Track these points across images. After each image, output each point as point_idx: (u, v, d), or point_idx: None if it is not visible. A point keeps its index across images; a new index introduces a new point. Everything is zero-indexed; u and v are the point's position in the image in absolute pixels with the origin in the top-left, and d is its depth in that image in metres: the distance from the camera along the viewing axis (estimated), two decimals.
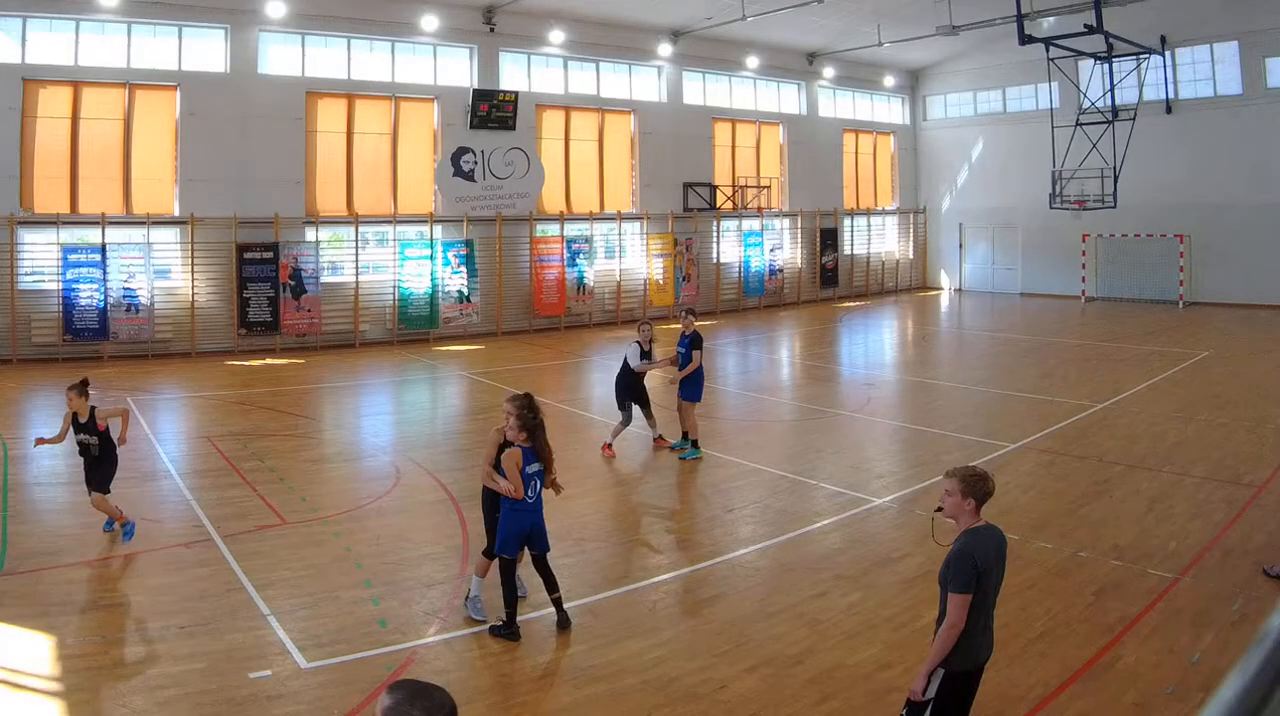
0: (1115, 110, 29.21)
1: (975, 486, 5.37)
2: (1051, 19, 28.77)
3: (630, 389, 14.25)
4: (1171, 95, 32.85)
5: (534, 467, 8.03)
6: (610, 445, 14.26)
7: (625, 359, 14.20)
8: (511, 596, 8.05)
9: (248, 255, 24.66)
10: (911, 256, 41.21)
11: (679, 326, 14.60)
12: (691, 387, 13.93)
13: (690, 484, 12.95)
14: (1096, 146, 29.31)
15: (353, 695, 6.99)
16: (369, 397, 20.24)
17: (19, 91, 22.46)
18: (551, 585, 8.17)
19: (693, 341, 13.92)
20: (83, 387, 10.15)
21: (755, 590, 9.13)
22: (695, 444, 14.03)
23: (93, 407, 10.18)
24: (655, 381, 15.74)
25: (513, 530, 7.98)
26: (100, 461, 10.21)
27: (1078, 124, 29.61)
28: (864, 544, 10.35)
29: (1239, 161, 31.51)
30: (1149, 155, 31.14)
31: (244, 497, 11.94)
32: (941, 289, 40.68)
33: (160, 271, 24.02)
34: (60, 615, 8.24)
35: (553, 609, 8.25)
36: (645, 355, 14.16)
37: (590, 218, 30.80)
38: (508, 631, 7.92)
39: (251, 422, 16.55)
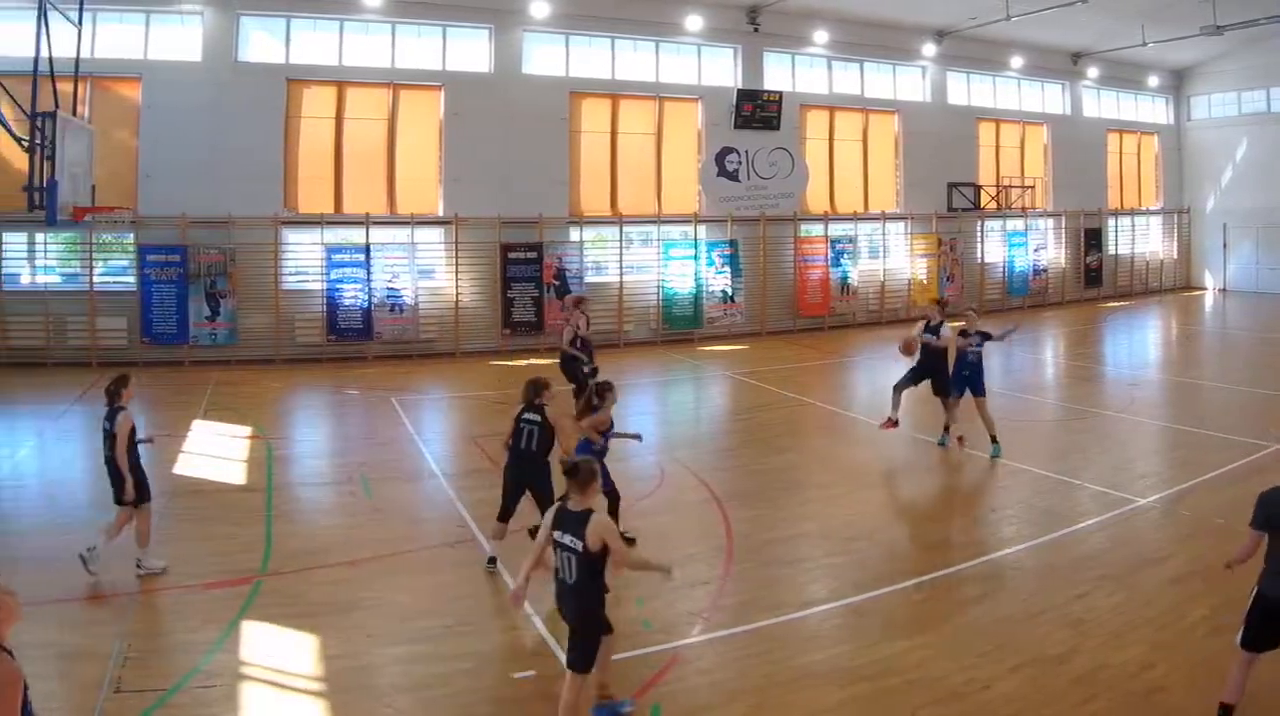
0: None
1: None
2: None
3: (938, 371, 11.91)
4: None
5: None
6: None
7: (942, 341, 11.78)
8: None
9: (512, 255, 20.39)
10: (1175, 256, 33.62)
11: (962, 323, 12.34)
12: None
13: (954, 484, 11.16)
14: None
15: (618, 695, 5.75)
16: (633, 398, 16.38)
17: (283, 92, 19.05)
18: None
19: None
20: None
21: (1018, 590, 7.56)
22: (948, 429, 12.20)
23: None
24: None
25: None
26: None
27: None
28: (1128, 544, 8.68)
29: None
30: None
31: None
32: (1205, 289, 33.13)
33: (424, 271, 20.06)
34: (324, 615, 7.03)
35: (814, 609, 7.25)
36: (933, 332, 11.91)
37: (854, 218, 25.28)
38: None
39: None
